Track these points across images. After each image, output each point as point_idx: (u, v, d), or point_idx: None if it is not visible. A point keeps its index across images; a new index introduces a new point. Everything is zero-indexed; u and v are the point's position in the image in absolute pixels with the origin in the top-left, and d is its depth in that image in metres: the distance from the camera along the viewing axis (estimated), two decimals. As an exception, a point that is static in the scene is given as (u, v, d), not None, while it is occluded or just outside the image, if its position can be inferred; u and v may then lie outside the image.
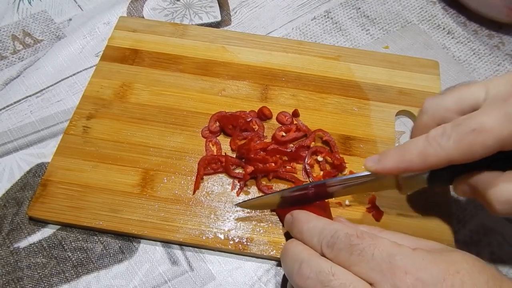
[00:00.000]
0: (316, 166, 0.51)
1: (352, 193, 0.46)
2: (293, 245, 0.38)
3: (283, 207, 0.45)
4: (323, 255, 0.35)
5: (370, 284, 0.32)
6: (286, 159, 0.50)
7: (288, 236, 0.46)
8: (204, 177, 0.49)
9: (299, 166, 0.50)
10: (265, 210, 0.47)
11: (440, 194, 0.48)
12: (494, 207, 0.36)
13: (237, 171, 0.50)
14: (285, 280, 0.45)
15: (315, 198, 0.44)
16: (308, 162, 0.50)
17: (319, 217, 0.39)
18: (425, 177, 0.40)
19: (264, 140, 0.52)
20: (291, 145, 0.52)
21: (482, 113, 0.35)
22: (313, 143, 0.51)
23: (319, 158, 0.50)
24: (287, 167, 0.50)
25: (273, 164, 0.49)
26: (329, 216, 0.44)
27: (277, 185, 0.49)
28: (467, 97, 0.38)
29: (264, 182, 0.49)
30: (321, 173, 0.50)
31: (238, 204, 0.46)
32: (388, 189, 0.43)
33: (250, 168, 0.49)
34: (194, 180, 0.49)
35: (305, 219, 0.39)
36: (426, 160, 0.36)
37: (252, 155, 0.49)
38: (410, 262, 0.32)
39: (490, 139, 0.33)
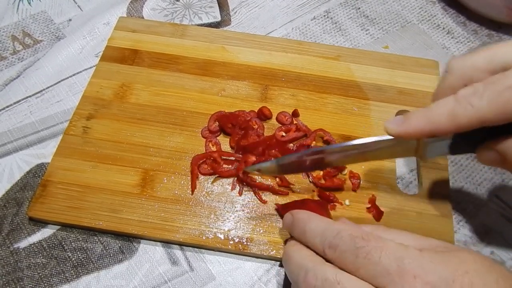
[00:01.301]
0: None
1: (365, 160, 0.43)
2: (296, 251, 0.37)
3: (292, 172, 0.44)
4: (325, 256, 0.35)
5: None
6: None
7: (285, 235, 0.46)
8: (204, 177, 0.49)
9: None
10: (265, 210, 0.47)
11: (440, 194, 0.48)
12: None
13: (228, 166, 0.49)
14: (287, 281, 0.45)
15: (329, 163, 0.43)
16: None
17: (321, 217, 0.38)
18: (448, 143, 0.38)
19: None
20: (291, 144, 0.52)
21: None
22: (313, 142, 0.51)
23: (319, 158, 0.50)
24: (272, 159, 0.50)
25: (272, 158, 0.49)
26: (328, 216, 0.44)
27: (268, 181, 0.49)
28: (499, 55, 0.35)
29: (255, 177, 0.49)
30: (321, 173, 0.50)
31: (248, 168, 0.45)
32: (407, 156, 0.41)
33: (251, 158, 0.49)
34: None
35: (307, 219, 0.38)
36: (456, 121, 0.34)
37: (252, 146, 0.49)
38: (419, 265, 0.31)
39: None
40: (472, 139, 0.37)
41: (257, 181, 0.49)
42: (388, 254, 0.32)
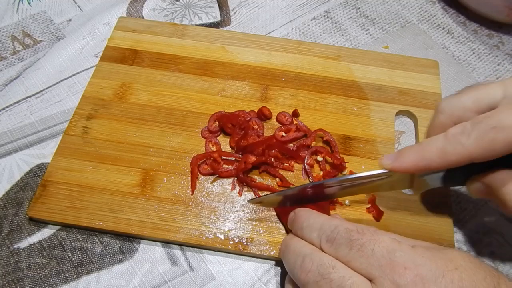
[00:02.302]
0: (316, 166, 0.50)
1: (364, 193, 0.46)
2: (294, 241, 0.38)
3: (293, 204, 0.45)
4: (322, 250, 0.35)
5: (370, 280, 0.32)
6: (285, 154, 0.50)
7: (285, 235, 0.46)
8: (204, 177, 0.49)
9: (299, 166, 0.50)
10: (265, 210, 0.47)
11: (440, 194, 0.48)
12: (509, 206, 0.36)
13: (228, 166, 0.49)
14: (284, 280, 0.45)
15: (327, 196, 0.44)
16: (308, 162, 0.50)
17: (319, 214, 0.39)
18: (440, 176, 0.40)
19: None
20: (291, 144, 0.52)
21: (501, 111, 0.35)
22: (313, 142, 0.51)
23: (319, 158, 0.50)
24: (285, 164, 0.50)
25: (272, 159, 0.49)
26: (327, 214, 0.44)
27: (267, 180, 0.49)
28: (485, 96, 0.38)
29: (255, 177, 0.49)
30: (321, 173, 0.50)
31: (251, 201, 0.46)
32: (401, 189, 0.43)
33: (251, 158, 0.49)
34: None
35: (306, 216, 0.39)
36: (446, 158, 0.36)
37: (252, 146, 0.49)
38: (410, 258, 0.32)
39: (511, 136, 0.34)
40: (462, 172, 0.39)
41: (257, 181, 0.49)
42: (381, 247, 0.33)
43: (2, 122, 0.55)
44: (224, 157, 0.50)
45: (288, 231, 0.46)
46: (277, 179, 0.49)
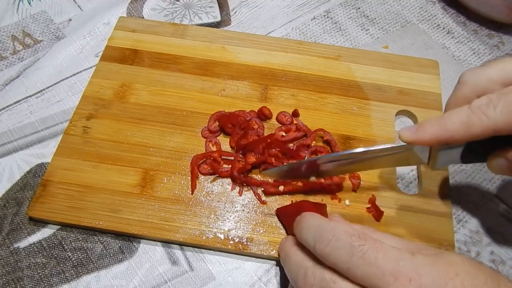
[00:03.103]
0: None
1: (380, 167, 0.45)
2: (294, 251, 0.38)
3: (307, 176, 0.45)
4: (315, 252, 0.35)
5: None
6: (285, 153, 0.50)
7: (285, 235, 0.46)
8: (204, 177, 0.49)
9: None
10: (265, 210, 0.47)
11: (440, 194, 0.48)
12: None
13: (228, 166, 0.49)
14: (284, 280, 0.45)
15: (342, 170, 0.44)
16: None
17: (320, 216, 0.38)
18: (460, 151, 0.39)
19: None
20: (291, 144, 0.52)
21: None
22: (313, 142, 0.51)
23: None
24: (284, 163, 0.50)
25: (273, 159, 0.49)
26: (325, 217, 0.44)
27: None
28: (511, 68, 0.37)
29: (255, 176, 0.49)
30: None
31: (264, 172, 0.46)
32: (417, 164, 0.42)
33: (251, 159, 0.49)
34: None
35: (305, 217, 0.39)
36: (470, 130, 0.35)
37: (252, 145, 0.49)
38: (413, 267, 0.31)
39: None
40: (483, 148, 0.38)
41: (253, 179, 0.49)
42: (384, 255, 0.32)
43: (2, 121, 0.55)
44: (224, 157, 0.50)
45: (287, 232, 0.46)
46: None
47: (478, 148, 0.38)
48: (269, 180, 0.49)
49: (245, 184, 0.49)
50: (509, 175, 0.39)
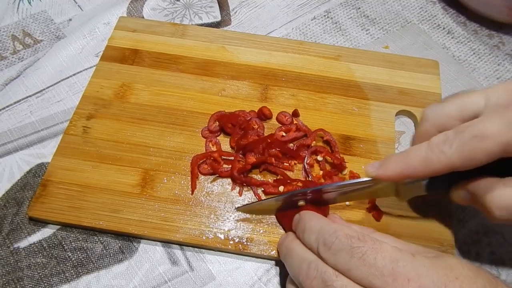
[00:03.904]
0: (316, 166, 0.50)
1: (350, 200, 0.46)
2: (296, 245, 0.38)
3: (281, 211, 0.46)
4: (319, 254, 0.35)
5: None
6: (285, 153, 0.50)
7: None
8: (204, 177, 0.49)
9: (299, 166, 0.50)
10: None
11: (440, 194, 0.48)
12: (492, 213, 0.36)
13: (228, 166, 0.49)
14: (284, 280, 0.45)
15: (313, 203, 0.44)
16: (308, 161, 0.50)
17: (321, 217, 0.39)
18: (424, 184, 0.41)
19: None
20: (291, 144, 0.52)
21: (483, 120, 0.35)
22: (313, 142, 0.51)
23: (319, 158, 0.50)
24: (285, 163, 0.50)
25: (273, 159, 0.49)
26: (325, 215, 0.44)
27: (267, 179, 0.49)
28: (468, 104, 0.38)
29: (255, 176, 0.49)
30: (321, 172, 0.50)
31: (238, 208, 0.46)
32: (386, 196, 0.44)
33: (251, 159, 0.49)
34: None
35: (308, 218, 0.39)
36: (429, 167, 0.37)
37: (252, 145, 0.49)
38: (413, 268, 0.32)
39: (491, 145, 0.34)
40: (446, 180, 0.39)
41: (253, 179, 0.49)
42: (383, 256, 0.32)
43: (2, 121, 0.55)
44: (224, 157, 0.50)
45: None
46: (279, 176, 0.49)
47: (440, 181, 0.40)
48: (269, 180, 0.49)
49: (245, 184, 0.49)
50: (471, 204, 0.40)
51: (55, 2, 0.67)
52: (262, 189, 0.49)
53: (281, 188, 0.48)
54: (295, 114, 0.54)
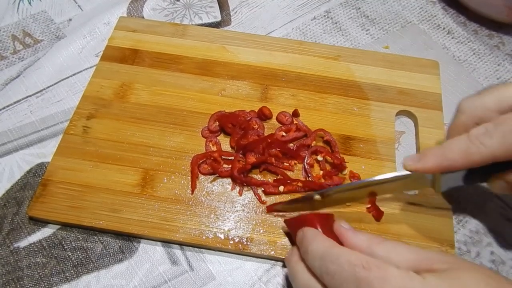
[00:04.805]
0: (316, 166, 0.50)
1: (383, 194, 0.47)
2: (300, 269, 0.38)
3: (315, 209, 0.46)
4: (323, 281, 0.35)
5: None
6: (285, 153, 0.50)
7: (289, 236, 0.46)
8: (204, 177, 0.49)
9: (299, 166, 0.50)
10: (265, 210, 0.47)
11: (440, 194, 0.48)
12: None
13: (228, 166, 0.49)
14: (285, 281, 0.45)
15: (349, 200, 0.45)
16: (308, 161, 0.50)
17: (324, 238, 0.37)
18: (462, 175, 0.41)
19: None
20: (291, 144, 0.52)
21: None
22: (314, 142, 0.51)
23: (319, 158, 0.50)
24: (285, 163, 0.50)
25: (273, 159, 0.49)
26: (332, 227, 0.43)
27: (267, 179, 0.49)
28: (507, 97, 0.39)
29: (255, 176, 0.50)
30: (321, 172, 0.50)
31: (268, 208, 0.47)
32: (420, 188, 0.44)
33: (252, 159, 0.49)
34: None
35: (311, 239, 0.38)
36: (469, 159, 0.37)
37: (252, 145, 0.49)
38: None
39: None
40: (484, 170, 0.40)
41: (253, 179, 0.49)
42: (391, 285, 0.31)
43: (2, 121, 0.55)
44: (224, 157, 0.50)
45: (292, 242, 0.45)
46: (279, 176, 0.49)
47: (478, 172, 0.40)
48: (269, 180, 0.49)
49: (245, 184, 0.49)
50: (510, 193, 0.40)
51: (55, 2, 0.67)
52: (262, 189, 0.49)
53: (281, 188, 0.48)
54: (295, 114, 0.54)
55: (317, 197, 0.45)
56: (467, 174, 0.41)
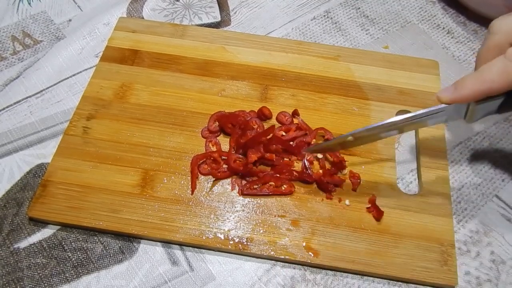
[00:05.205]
0: (315, 163, 0.50)
1: (419, 127, 0.46)
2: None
3: (347, 148, 0.49)
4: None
5: None
6: (285, 150, 0.51)
7: (285, 235, 0.46)
8: (204, 177, 0.49)
9: (299, 165, 0.50)
10: (265, 210, 0.47)
11: (440, 194, 0.48)
12: None
13: (226, 166, 0.50)
14: (285, 281, 0.45)
15: (377, 138, 0.46)
16: (308, 158, 0.50)
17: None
18: (498, 102, 0.39)
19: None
20: (291, 142, 0.52)
21: None
22: (314, 140, 0.51)
23: (319, 156, 0.50)
24: (285, 159, 0.50)
25: (273, 156, 0.49)
26: None
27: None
28: None
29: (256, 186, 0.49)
30: (321, 171, 0.50)
31: (308, 149, 0.48)
32: (453, 120, 0.43)
33: (253, 157, 0.49)
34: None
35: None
36: (509, 78, 0.36)
37: (252, 141, 0.49)
38: None
39: None
40: None
41: (252, 169, 0.49)
42: None
43: (2, 122, 0.55)
44: (224, 157, 0.50)
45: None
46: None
47: None
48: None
49: (244, 176, 0.49)
50: None
51: (55, 2, 0.67)
52: (260, 185, 0.48)
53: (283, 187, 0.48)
54: (295, 114, 0.54)
55: (350, 138, 0.45)
56: (504, 102, 0.39)
